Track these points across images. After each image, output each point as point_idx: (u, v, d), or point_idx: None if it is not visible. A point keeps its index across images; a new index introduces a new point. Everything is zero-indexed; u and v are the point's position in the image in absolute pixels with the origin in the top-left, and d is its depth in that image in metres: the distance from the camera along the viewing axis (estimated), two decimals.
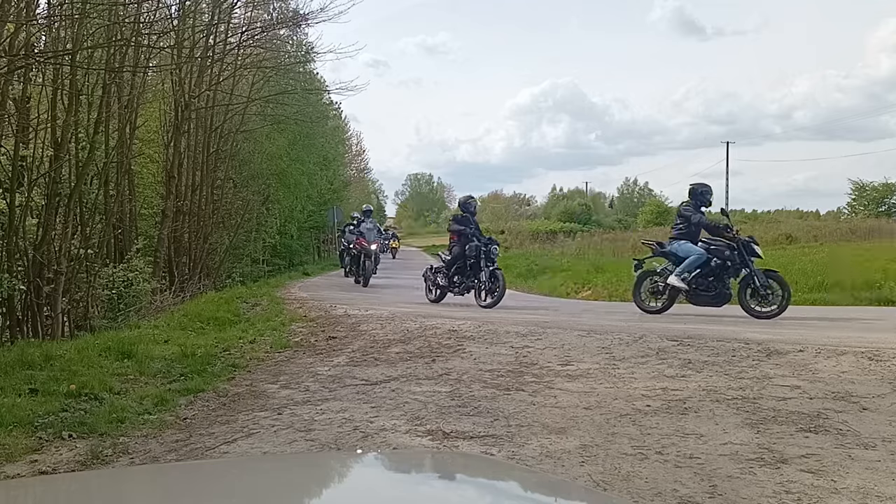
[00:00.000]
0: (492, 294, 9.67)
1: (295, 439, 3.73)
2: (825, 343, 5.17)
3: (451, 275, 10.23)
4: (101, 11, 8.70)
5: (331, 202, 29.09)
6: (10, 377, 5.06)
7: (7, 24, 6.57)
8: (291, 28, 17.55)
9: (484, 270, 9.75)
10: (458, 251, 10.11)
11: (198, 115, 14.81)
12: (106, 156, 10.63)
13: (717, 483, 2.88)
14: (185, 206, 14.37)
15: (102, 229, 10.74)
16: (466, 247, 9.98)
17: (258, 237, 21.22)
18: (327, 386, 4.98)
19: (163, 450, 3.71)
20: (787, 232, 27.02)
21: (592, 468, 3.10)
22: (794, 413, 3.70)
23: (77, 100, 9.20)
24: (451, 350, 5.95)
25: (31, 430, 3.94)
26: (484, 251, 9.84)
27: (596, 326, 6.61)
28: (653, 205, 52.02)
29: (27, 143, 8.65)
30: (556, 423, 3.78)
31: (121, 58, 10.44)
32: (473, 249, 9.91)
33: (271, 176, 20.88)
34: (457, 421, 3.90)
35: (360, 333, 7.13)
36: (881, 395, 3.90)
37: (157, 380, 5.44)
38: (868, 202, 39.22)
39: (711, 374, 4.58)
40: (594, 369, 4.96)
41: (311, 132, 23.61)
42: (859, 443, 3.25)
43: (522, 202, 71.01)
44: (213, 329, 8.24)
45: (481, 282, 9.80)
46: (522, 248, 33.99)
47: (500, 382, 4.75)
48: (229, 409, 4.54)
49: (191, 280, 14.33)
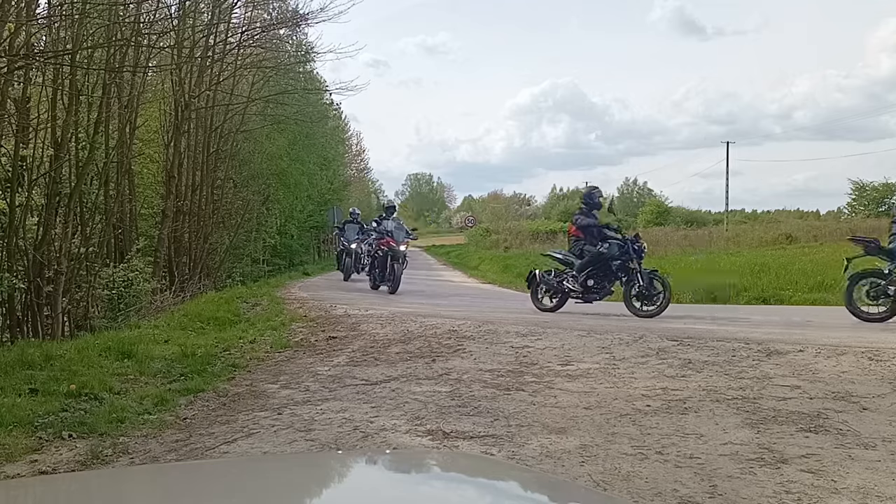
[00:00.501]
0: (651, 302, 8.08)
1: (295, 439, 3.73)
2: (825, 343, 5.18)
3: (584, 279, 8.64)
4: (101, 11, 8.71)
5: (331, 202, 29.07)
6: (10, 377, 5.06)
7: (7, 24, 6.57)
8: (291, 28, 17.59)
9: (641, 274, 8.15)
10: (594, 250, 8.58)
11: (198, 115, 14.81)
12: (106, 156, 10.63)
13: (718, 483, 2.88)
14: (185, 206, 14.37)
15: (102, 229, 10.74)
16: (605, 245, 8.50)
17: (258, 237, 21.22)
18: (327, 386, 4.98)
19: (163, 450, 3.71)
20: (787, 232, 27.01)
21: (592, 468, 3.10)
22: (794, 413, 3.70)
23: (77, 100, 9.20)
24: (451, 350, 5.95)
25: (31, 430, 3.94)
26: (635, 249, 8.31)
27: (596, 326, 6.61)
28: (653, 205, 51.99)
29: (27, 143, 8.66)
30: (556, 423, 3.78)
31: (121, 58, 10.45)
32: (617, 248, 8.40)
33: (271, 176, 20.89)
34: (457, 421, 3.90)
35: (360, 333, 7.13)
36: (881, 395, 3.90)
37: (157, 380, 5.44)
38: (868, 202, 39.20)
39: (711, 374, 4.59)
40: (594, 369, 4.96)
41: (311, 132, 23.63)
42: (859, 443, 3.25)
43: (522, 202, 71.01)
44: (213, 329, 8.23)
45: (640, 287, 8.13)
46: (522, 248, 33.95)
47: (500, 382, 4.75)
48: (229, 409, 4.54)
49: (191, 280, 14.33)
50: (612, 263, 8.39)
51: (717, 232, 33.92)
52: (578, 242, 8.82)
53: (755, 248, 23.63)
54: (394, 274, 12.34)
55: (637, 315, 7.95)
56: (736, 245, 26.16)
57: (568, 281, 8.77)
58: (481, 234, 44.75)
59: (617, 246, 8.36)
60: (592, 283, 8.61)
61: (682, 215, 49.25)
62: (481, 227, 48.41)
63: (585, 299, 8.72)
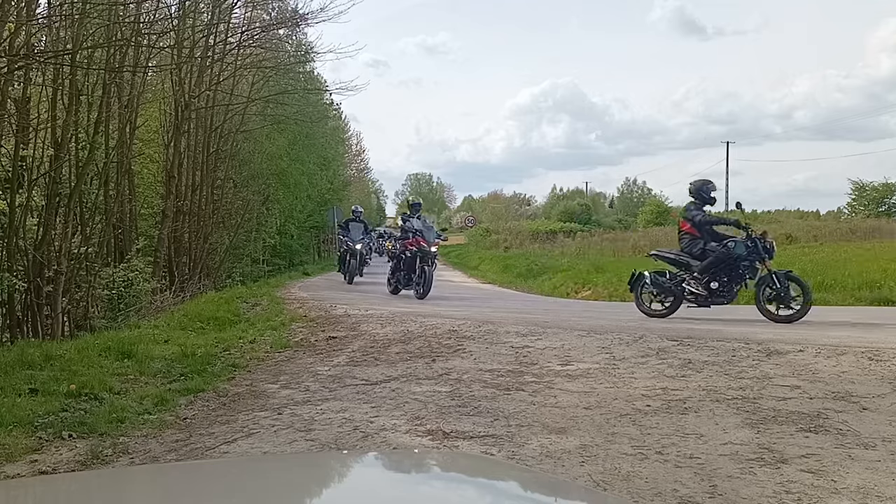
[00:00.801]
0: (788, 305, 7.24)
1: (295, 439, 3.73)
2: (825, 343, 5.18)
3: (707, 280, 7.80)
4: (101, 11, 8.71)
5: (331, 202, 29.08)
6: (10, 377, 5.06)
7: (7, 24, 6.58)
8: (291, 28, 17.59)
9: (776, 275, 7.35)
10: (719, 249, 7.78)
11: (198, 115, 14.82)
12: (106, 156, 10.64)
13: (718, 483, 2.88)
14: (185, 206, 14.37)
15: (102, 229, 10.75)
16: (731, 243, 7.73)
17: (258, 237, 21.23)
18: (327, 386, 4.98)
19: (163, 450, 3.71)
20: (787, 232, 26.98)
21: (592, 468, 3.10)
22: (794, 413, 3.70)
23: (77, 100, 9.21)
24: (451, 350, 5.95)
25: (31, 430, 3.94)
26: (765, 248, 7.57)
27: (596, 326, 6.61)
28: (653, 205, 51.99)
29: (27, 143, 8.66)
30: (556, 423, 3.78)
31: (121, 58, 10.45)
32: (744, 248, 7.61)
33: (271, 176, 20.90)
34: (457, 421, 3.91)
35: (360, 333, 7.13)
36: (881, 395, 3.90)
37: (157, 380, 5.44)
38: (868, 202, 39.17)
39: (711, 374, 4.59)
40: (594, 369, 4.96)
41: (311, 132, 23.64)
42: (859, 443, 3.25)
43: (522, 202, 70.91)
44: (213, 329, 8.23)
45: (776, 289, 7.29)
46: (522, 248, 33.98)
47: (500, 382, 4.75)
48: (229, 408, 4.54)
49: (191, 280, 14.33)
50: (741, 264, 7.65)
51: None
52: (695, 241, 7.98)
53: None
54: (424, 277, 11.23)
55: (773, 320, 7.19)
56: None
57: (689, 283, 7.91)
58: (481, 234, 44.79)
59: (744, 245, 7.61)
60: (717, 285, 7.77)
61: None
62: (481, 227, 48.43)
63: (711, 302, 7.90)
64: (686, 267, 8.01)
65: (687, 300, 7.99)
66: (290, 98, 18.93)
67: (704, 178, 8.38)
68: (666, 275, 8.21)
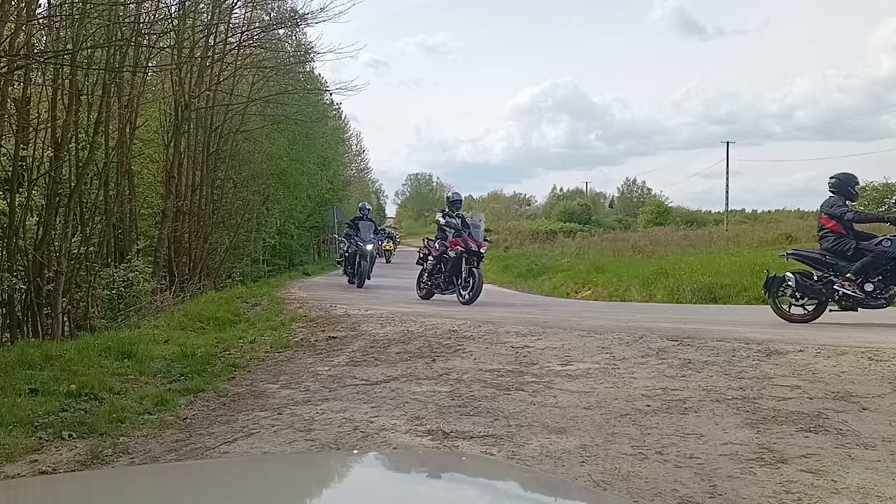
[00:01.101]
0: None
1: (295, 439, 3.73)
2: (825, 343, 5.17)
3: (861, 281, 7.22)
4: (101, 11, 8.72)
5: (331, 202, 29.07)
6: (10, 377, 5.06)
7: (7, 24, 6.58)
8: (291, 28, 17.59)
9: None
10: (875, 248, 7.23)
11: (198, 115, 14.82)
12: (106, 156, 10.64)
13: (718, 483, 2.88)
14: (185, 206, 14.37)
15: (102, 229, 10.75)
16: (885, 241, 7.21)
17: (258, 237, 21.23)
18: (327, 386, 4.98)
19: (163, 450, 3.71)
20: (787, 232, 27.04)
21: (592, 468, 3.10)
22: (794, 413, 3.70)
23: (77, 100, 9.21)
24: (451, 350, 5.95)
25: (31, 430, 3.94)
26: None
27: (596, 326, 6.61)
28: (653, 205, 52.03)
29: (27, 143, 8.66)
30: (556, 423, 3.78)
31: (121, 58, 10.45)
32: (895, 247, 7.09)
33: (271, 176, 20.90)
34: (457, 421, 3.90)
35: (360, 333, 7.13)
36: (881, 395, 3.90)
37: (157, 380, 5.44)
38: (868, 202, 39.15)
39: (711, 374, 4.58)
40: (594, 369, 4.96)
41: (311, 132, 23.62)
42: (859, 443, 3.25)
43: (522, 202, 70.90)
44: (213, 329, 8.23)
45: None
46: (522, 248, 34.00)
47: (500, 382, 4.74)
48: (229, 408, 4.54)
49: (191, 280, 14.34)
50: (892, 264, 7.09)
51: (718, 232, 34.00)
52: (843, 239, 7.32)
53: (755, 248, 23.65)
54: (473, 279, 10.09)
55: None
56: (736, 245, 26.21)
57: (841, 285, 7.23)
58: None
59: None
60: (872, 287, 7.16)
61: (682, 215, 49.34)
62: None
63: (865, 306, 7.27)
64: (832, 268, 7.38)
65: (838, 303, 7.37)
66: (290, 98, 18.93)
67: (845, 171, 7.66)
68: (813, 276, 7.52)
